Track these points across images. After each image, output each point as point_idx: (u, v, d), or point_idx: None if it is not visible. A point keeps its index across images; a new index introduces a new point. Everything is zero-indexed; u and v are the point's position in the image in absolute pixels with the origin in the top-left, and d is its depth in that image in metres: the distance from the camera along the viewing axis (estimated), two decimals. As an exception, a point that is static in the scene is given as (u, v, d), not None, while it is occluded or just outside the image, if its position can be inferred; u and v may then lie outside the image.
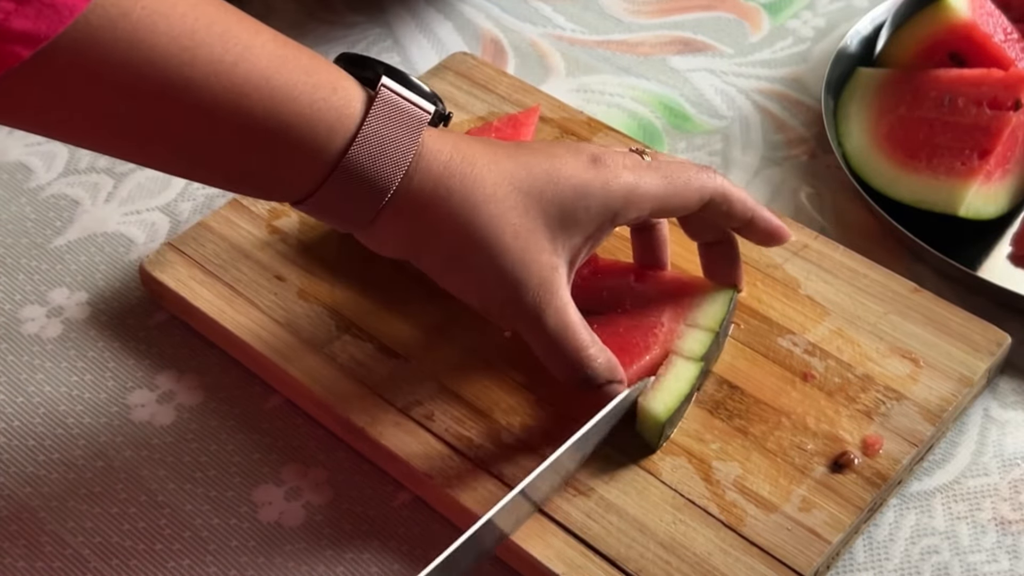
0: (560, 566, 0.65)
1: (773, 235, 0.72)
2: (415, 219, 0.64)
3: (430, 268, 0.67)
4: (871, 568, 0.68)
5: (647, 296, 0.73)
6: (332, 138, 0.61)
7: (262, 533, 0.70)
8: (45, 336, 0.80)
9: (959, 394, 0.71)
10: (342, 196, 0.63)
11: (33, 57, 0.53)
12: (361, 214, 0.64)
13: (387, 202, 0.63)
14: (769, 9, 1.03)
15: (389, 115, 0.62)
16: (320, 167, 0.62)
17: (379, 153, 0.62)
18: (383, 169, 0.62)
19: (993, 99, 0.83)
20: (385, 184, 0.62)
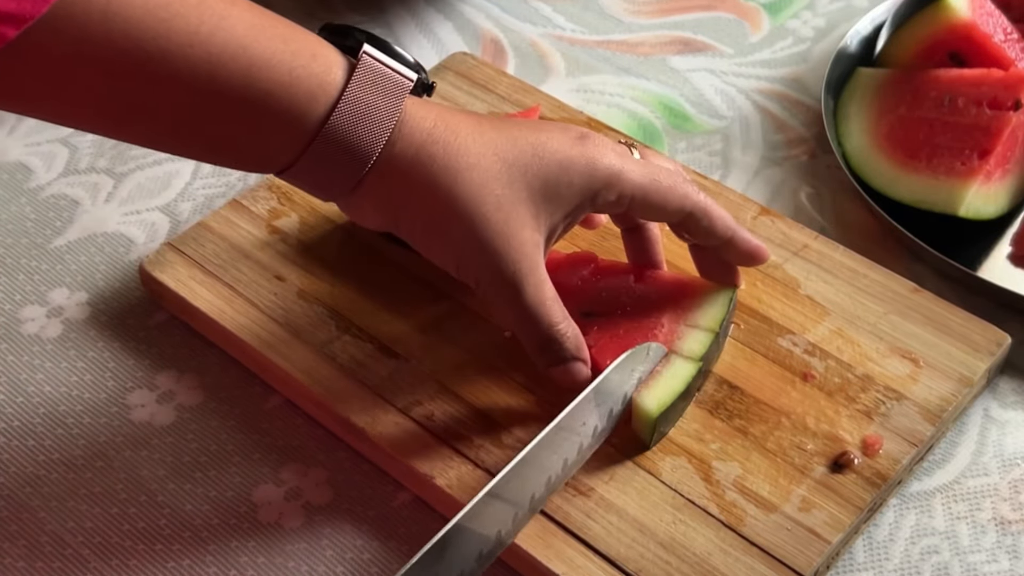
0: (560, 566, 0.65)
1: (752, 255, 0.72)
2: (396, 186, 0.64)
3: (410, 234, 0.66)
4: (871, 568, 0.68)
5: (647, 297, 0.73)
6: (312, 106, 0.61)
7: (262, 533, 0.70)
8: (45, 336, 0.80)
9: (959, 394, 0.71)
10: (324, 164, 0.63)
11: (17, 37, 0.53)
12: (343, 182, 0.64)
13: (369, 169, 0.63)
14: (769, 9, 1.03)
15: (370, 82, 0.62)
16: (301, 135, 0.62)
17: (360, 120, 0.62)
18: (364, 136, 0.62)
19: (993, 99, 0.83)
20: (367, 151, 0.62)
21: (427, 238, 0.66)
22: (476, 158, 0.64)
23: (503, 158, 0.64)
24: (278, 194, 0.84)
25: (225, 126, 0.62)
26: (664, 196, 0.68)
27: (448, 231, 0.65)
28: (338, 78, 0.62)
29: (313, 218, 0.82)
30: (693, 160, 0.90)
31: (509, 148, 0.65)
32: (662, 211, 0.69)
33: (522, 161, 0.65)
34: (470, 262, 0.66)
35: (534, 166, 0.65)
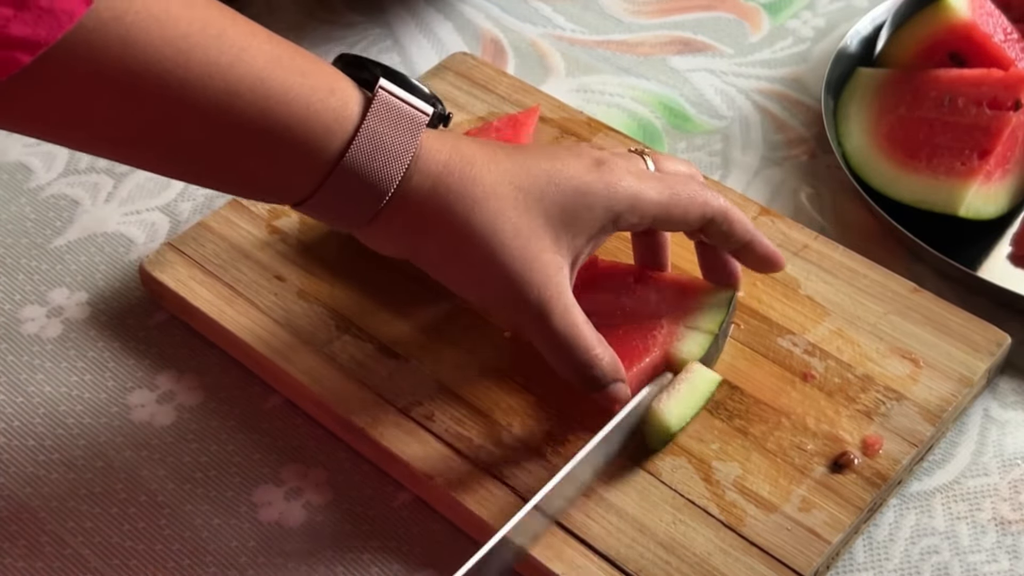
0: (560, 566, 0.65)
1: (768, 261, 0.72)
2: (414, 218, 0.64)
3: (428, 264, 0.67)
4: (871, 568, 0.68)
5: (647, 298, 0.73)
6: (329, 140, 0.62)
7: (262, 533, 0.70)
8: (45, 336, 0.80)
9: (959, 394, 0.71)
10: (341, 197, 0.63)
11: (33, 63, 0.53)
12: (360, 214, 0.64)
13: (386, 203, 0.63)
14: (769, 9, 1.03)
15: (386, 117, 0.62)
16: (318, 168, 0.62)
17: (377, 155, 0.62)
18: (381, 170, 0.62)
19: (993, 99, 0.83)
20: (383, 185, 0.62)
21: (446, 268, 0.66)
22: (492, 187, 0.64)
23: (518, 186, 0.64)
24: (278, 194, 0.84)
25: (242, 158, 0.62)
26: (685, 209, 0.68)
27: (467, 260, 0.65)
28: (354, 113, 0.62)
29: (313, 219, 0.82)
30: (693, 160, 0.90)
31: (524, 176, 0.65)
32: (683, 223, 0.69)
33: (538, 188, 0.65)
34: (492, 292, 0.66)
35: (550, 193, 0.65)
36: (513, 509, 0.67)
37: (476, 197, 0.63)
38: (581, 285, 0.73)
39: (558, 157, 0.67)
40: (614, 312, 0.73)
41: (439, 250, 0.65)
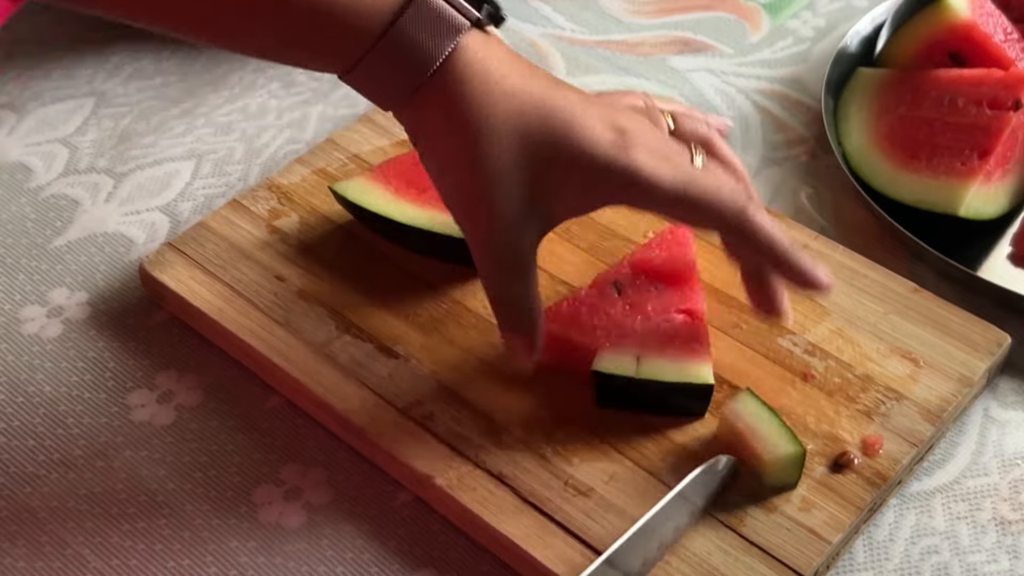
0: (560, 566, 0.65)
1: (807, 281, 0.66)
2: (430, 117, 0.65)
3: (426, 166, 0.68)
4: (871, 568, 0.68)
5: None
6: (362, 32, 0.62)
7: (262, 533, 0.70)
8: (45, 336, 0.80)
9: (959, 394, 0.71)
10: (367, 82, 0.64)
11: None
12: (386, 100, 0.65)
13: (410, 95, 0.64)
14: (769, 9, 1.03)
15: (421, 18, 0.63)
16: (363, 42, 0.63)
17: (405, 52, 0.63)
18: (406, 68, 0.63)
19: (993, 99, 0.83)
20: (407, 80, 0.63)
21: (436, 175, 0.67)
22: (501, 124, 0.64)
23: (524, 135, 0.64)
24: (278, 194, 0.84)
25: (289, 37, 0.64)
26: (697, 204, 0.64)
27: (452, 178, 0.66)
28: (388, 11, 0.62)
29: (313, 218, 0.82)
30: (693, 160, 0.90)
31: (536, 126, 0.64)
32: (695, 220, 0.67)
33: (542, 146, 0.64)
34: (462, 211, 0.67)
35: (552, 155, 0.64)
36: (513, 508, 0.67)
37: (481, 128, 0.64)
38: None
39: (584, 114, 0.65)
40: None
41: (434, 163, 0.67)
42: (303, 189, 0.84)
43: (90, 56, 1.00)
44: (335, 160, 0.86)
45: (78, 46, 1.00)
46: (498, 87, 0.64)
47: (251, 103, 0.95)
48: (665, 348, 0.70)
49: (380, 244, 0.80)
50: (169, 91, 0.97)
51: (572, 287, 0.77)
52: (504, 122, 0.64)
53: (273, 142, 0.92)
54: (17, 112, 0.95)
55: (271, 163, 0.90)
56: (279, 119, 0.94)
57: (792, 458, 0.66)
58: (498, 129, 0.64)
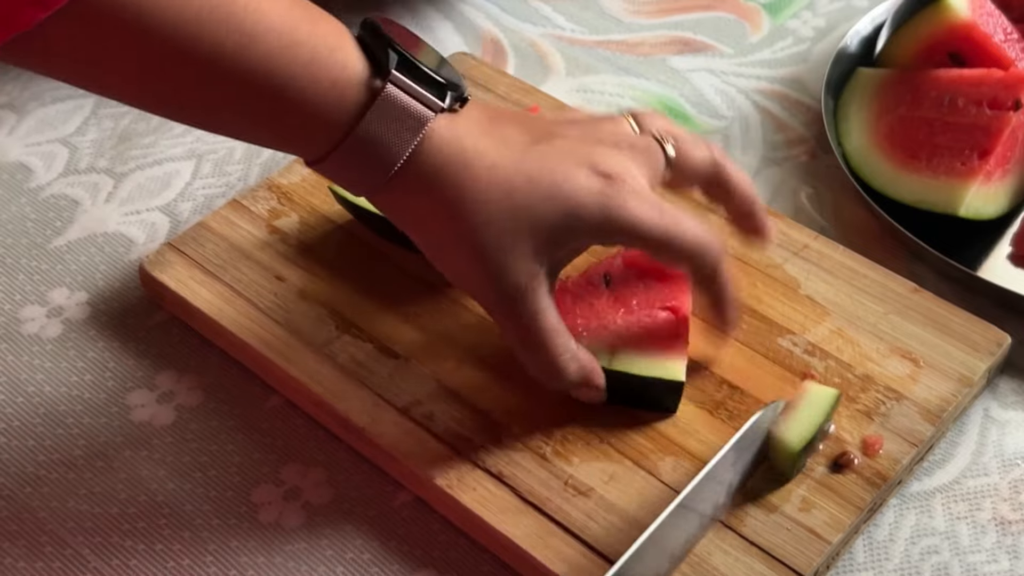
0: (560, 566, 0.65)
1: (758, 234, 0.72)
2: (410, 203, 0.66)
3: (422, 247, 0.68)
4: (871, 568, 0.68)
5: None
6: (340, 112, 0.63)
7: (262, 533, 0.70)
8: (45, 336, 0.80)
9: (959, 394, 0.71)
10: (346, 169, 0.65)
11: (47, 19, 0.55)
12: (362, 190, 0.66)
13: (382, 186, 0.65)
14: (769, 9, 1.03)
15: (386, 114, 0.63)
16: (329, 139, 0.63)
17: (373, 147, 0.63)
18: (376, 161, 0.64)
19: (993, 99, 0.83)
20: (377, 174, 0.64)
21: (436, 259, 0.68)
22: (485, 194, 0.64)
23: (512, 197, 0.64)
24: (278, 194, 0.84)
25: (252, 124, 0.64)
26: (679, 250, 0.67)
27: (452, 258, 0.67)
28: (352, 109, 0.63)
29: (313, 218, 0.82)
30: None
31: (522, 186, 0.65)
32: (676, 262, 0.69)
33: (532, 202, 0.65)
34: (473, 289, 0.68)
35: (542, 209, 0.65)
36: (513, 509, 0.67)
37: (466, 202, 0.64)
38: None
39: (565, 164, 0.66)
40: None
41: (430, 242, 0.67)
42: (303, 189, 0.84)
43: (90, 56, 0.99)
44: (335, 160, 0.86)
45: (78, 46, 1.00)
46: (477, 163, 0.64)
47: (251, 103, 0.95)
48: (642, 342, 0.71)
49: (380, 244, 0.80)
50: (169, 91, 0.97)
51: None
52: (492, 193, 0.64)
53: (273, 142, 0.92)
54: (17, 112, 0.95)
55: (271, 163, 0.90)
56: (279, 119, 0.94)
57: (785, 450, 0.67)
58: (486, 200, 0.64)
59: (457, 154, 0.64)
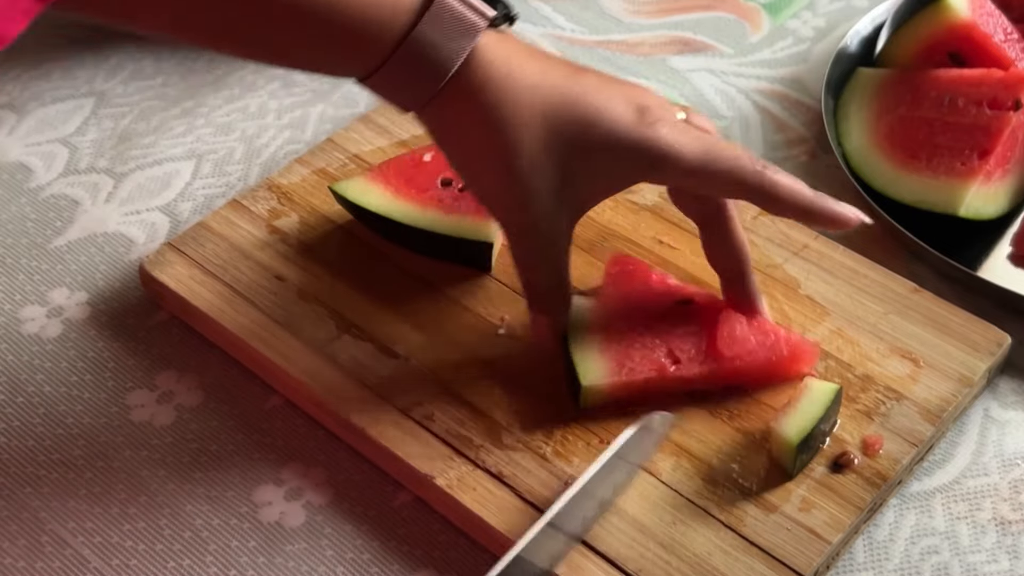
0: (560, 566, 0.65)
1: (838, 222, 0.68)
2: (448, 120, 0.66)
3: (454, 167, 0.68)
4: (871, 568, 0.68)
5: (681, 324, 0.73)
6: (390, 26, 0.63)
7: (262, 533, 0.70)
8: (45, 336, 0.80)
9: (959, 394, 0.71)
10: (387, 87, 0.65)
11: None
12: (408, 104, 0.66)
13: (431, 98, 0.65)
14: (769, 9, 1.03)
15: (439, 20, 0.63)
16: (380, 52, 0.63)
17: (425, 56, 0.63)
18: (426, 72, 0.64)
19: (993, 99, 0.83)
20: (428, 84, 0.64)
21: (465, 174, 0.68)
22: (527, 116, 0.65)
23: (551, 125, 0.65)
24: (278, 194, 0.84)
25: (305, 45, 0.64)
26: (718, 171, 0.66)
27: (482, 175, 0.67)
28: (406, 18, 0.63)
29: (313, 218, 0.82)
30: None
31: (563, 113, 0.65)
32: (717, 188, 0.68)
33: (568, 129, 0.65)
34: (494, 206, 0.68)
35: (580, 140, 0.65)
36: (513, 509, 0.67)
37: (506, 121, 0.65)
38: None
39: (607, 94, 0.66)
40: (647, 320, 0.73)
41: (459, 158, 0.67)
42: (303, 189, 0.84)
43: (90, 56, 1.00)
44: (335, 160, 0.86)
45: (78, 46, 1.00)
46: (520, 82, 0.65)
47: (251, 103, 0.95)
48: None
49: (380, 244, 0.80)
50: (169, 91, 0.97)
51: (572, 287, 0.77)
52: (530, 115, 0.65)
53: (273, 142, 0.92)
54: (17, 112, 0.95)
55: (271, 163, 0.90)
56: (279, 119, 0.94)
57: (784, 443, 0.67)
58: (525, 122, 0.64)
59: (503, 70, 0.65)
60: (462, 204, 0.78)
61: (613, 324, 0.72)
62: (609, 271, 0.76)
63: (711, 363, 0.70)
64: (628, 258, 0.76)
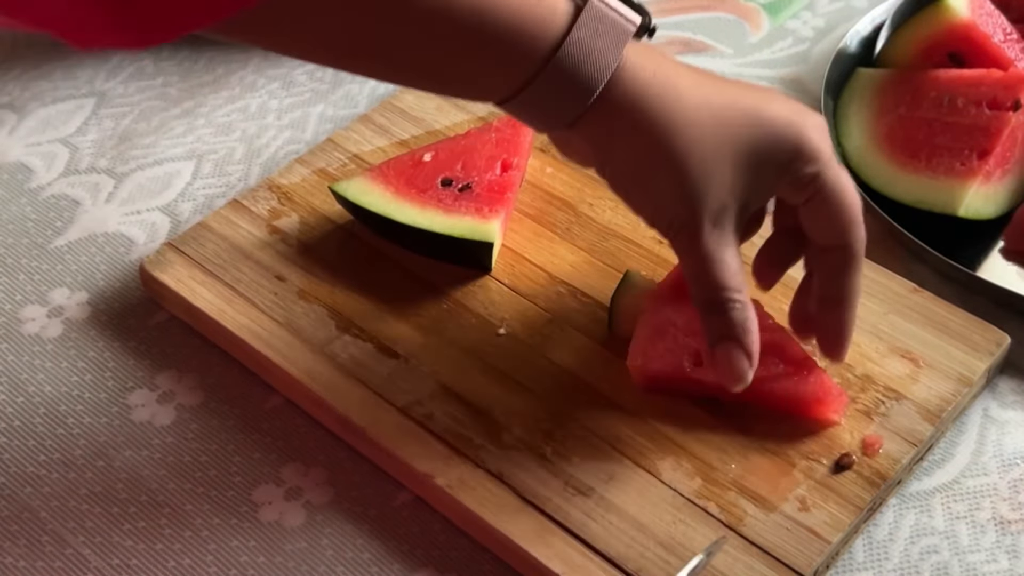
0: (560, 566, 0.65)
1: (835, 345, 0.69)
2: (609, 130, 0.64)
3: (612, 178, 0.66)
4: (871, 568, 0.68)
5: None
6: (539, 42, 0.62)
7: (262, 533, 0.70)
8: (45, 336, 0.80)
9: (959, 394, 0.71)
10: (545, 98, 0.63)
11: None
12: (560, 117, 0.64)
13: (586, 109, 0.63)
14: (769, 9, 1.03)
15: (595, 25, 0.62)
16: (526, 69, 0.62)
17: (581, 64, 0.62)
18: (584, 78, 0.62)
19: (993, 99, 0.83)
20: (585, 92, 0.63)
21: (630, 187, 0.66)
22: (692, 115, 0.64)
23: (718, 120, 0.64)
24: (278, 194, 0.84)
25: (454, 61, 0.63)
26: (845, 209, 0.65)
27: (649, 184, 0.65)
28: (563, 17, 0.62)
29: (313, 218, 0.83)
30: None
31: (726, 110, 0.64)
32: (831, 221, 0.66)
33: (736, 124, 0.64)
34: (664, 211, 0.65)
35: (745, 134, 0.64)
36: (513, 508, 0.67)
37: (674, 120, 0.63)
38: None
39: (760, 94, 0.66)
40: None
41: (627, 167, 0.65)
42: (303, 189, 0.84)
43: (90, 56, 1.00)
44: (335, 160, 0.86)
45: (78, 46, 1.00)
46: (681, 84, 0.64)
47: (251, 103, 0.95)
48: None
49: (380, 244, 0.80)
50: (169, 91, 0.97)
51: (572, 287, 0.78)
52: (698, 119, 0.63)
53: (273, 142, 0.92)
54: (17, 112, 0.95)
55: (271, 163, 0.90)
56: (279, 119, 0.94)
57: None
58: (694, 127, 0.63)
59: (660, 74, 0.64)
60: (462, 204, 0.78)
61: (659, 309, 0.72)
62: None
63: None
64: None
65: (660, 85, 0.63)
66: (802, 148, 0.64)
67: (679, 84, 0.64)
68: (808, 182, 0.65)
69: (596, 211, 0.82)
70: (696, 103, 0.64)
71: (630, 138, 0.64)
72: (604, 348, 0.74)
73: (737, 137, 0.64)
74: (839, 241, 0.66)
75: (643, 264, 0.79)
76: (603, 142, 0.65)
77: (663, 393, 0.71)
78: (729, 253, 0.65)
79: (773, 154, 0.64)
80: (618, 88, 0.63)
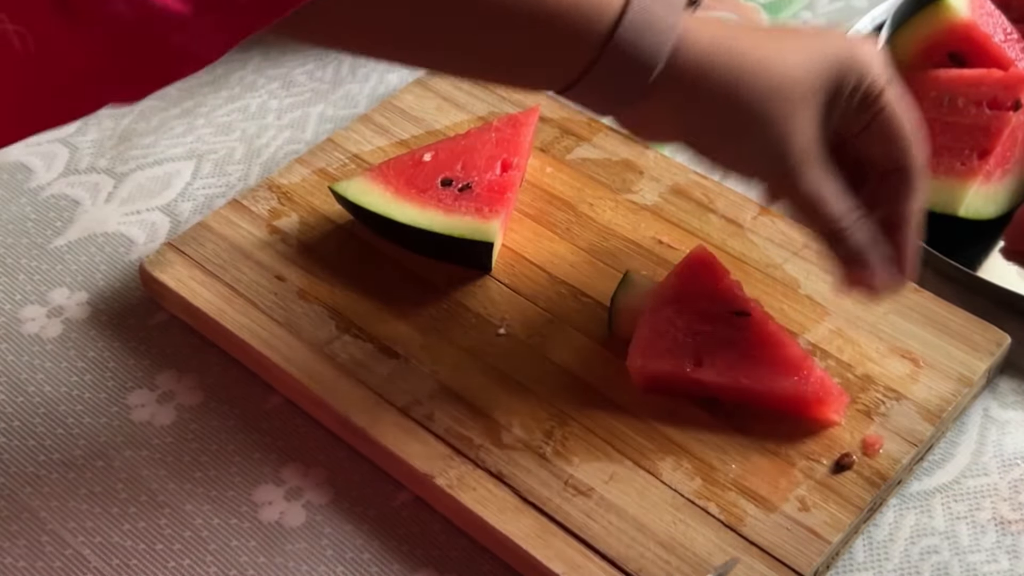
0: (560, 566, 0.65)
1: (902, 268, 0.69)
2: (685, 96, 0.65)
3: (700, 143, 0.67)
4: (871, 568, 0.68)
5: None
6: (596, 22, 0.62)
7: (262, 533, 0.70)
8: (45, 336, 0.80)
9: (959, 394, 0.71)
10: (609, 77, 0.64)
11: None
12: (628, 92, 0.64)
13: (654, 80, 0.64)
14: (769, 9, 1.03)
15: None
16: (588, 51, 0.63)
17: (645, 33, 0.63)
18: (649, 48, 0.63)
19: (993, 99, 0.83)
20: (651, 62, 0.63)
21: (722, 146, 0.67)
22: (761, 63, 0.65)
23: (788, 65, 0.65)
24: (278, 194, 0.84)
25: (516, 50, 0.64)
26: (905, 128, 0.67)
27: (738, 139, 0.66)
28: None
29: (313, 218, 0.82)
30: (690, 160, 0.89)
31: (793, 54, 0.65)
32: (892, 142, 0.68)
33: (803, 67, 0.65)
34: (757, 165, 0.67)
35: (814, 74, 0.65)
36: (513, 508, 0.67)
37: (745, 77, 0.64)
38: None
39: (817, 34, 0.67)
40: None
41: (713, 129, 0.66)
42: (303, 189, 0.84)
43: (90, 56, 0.99)
44: (335, 160, 0.86)
45: (78, 46, 1.00)
46: (742, 40, 0.65)
47: (251, 103, 0.95)
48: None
49: (380, 244, 0.80)
50: (169, 91, 0.97)
51: (572, 287, 0.78)
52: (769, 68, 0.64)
53: (273, 142, 0.92)
54: (17, 112, 0.95)
55: (271, 163, 0.90)
56: (279, 119, 0.94)
57: None
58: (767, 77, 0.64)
59: (720, 36, 0.65)
60: (462, 204, 0.78)
61: (659, 309, 0.72)
62: (687, 260, 0.75)
63: (730, 376, 0.70)
64: (709, 255, 0.75)
65: (724, 44, 0.64)
66: (864, 73, 0.66)
67: (741, 39, 0.65)
68: (872, 102, 0.67)
69: (596, 211, 0.82)
70: (759, 56, 0.65)
71: (707, 102, 0.65)
72: (604, 348, 0.74)
73: (806, 79, 0.65)
74: (899, 162, 0.67)
75: (643, 264, 0.79)
76: (681, 109, 0.66)
77: (663, 393, 0.71)
78: (827, 188, 0.66)
79: (841, 85, 0.65)
80: (684, 54, 0.64)
